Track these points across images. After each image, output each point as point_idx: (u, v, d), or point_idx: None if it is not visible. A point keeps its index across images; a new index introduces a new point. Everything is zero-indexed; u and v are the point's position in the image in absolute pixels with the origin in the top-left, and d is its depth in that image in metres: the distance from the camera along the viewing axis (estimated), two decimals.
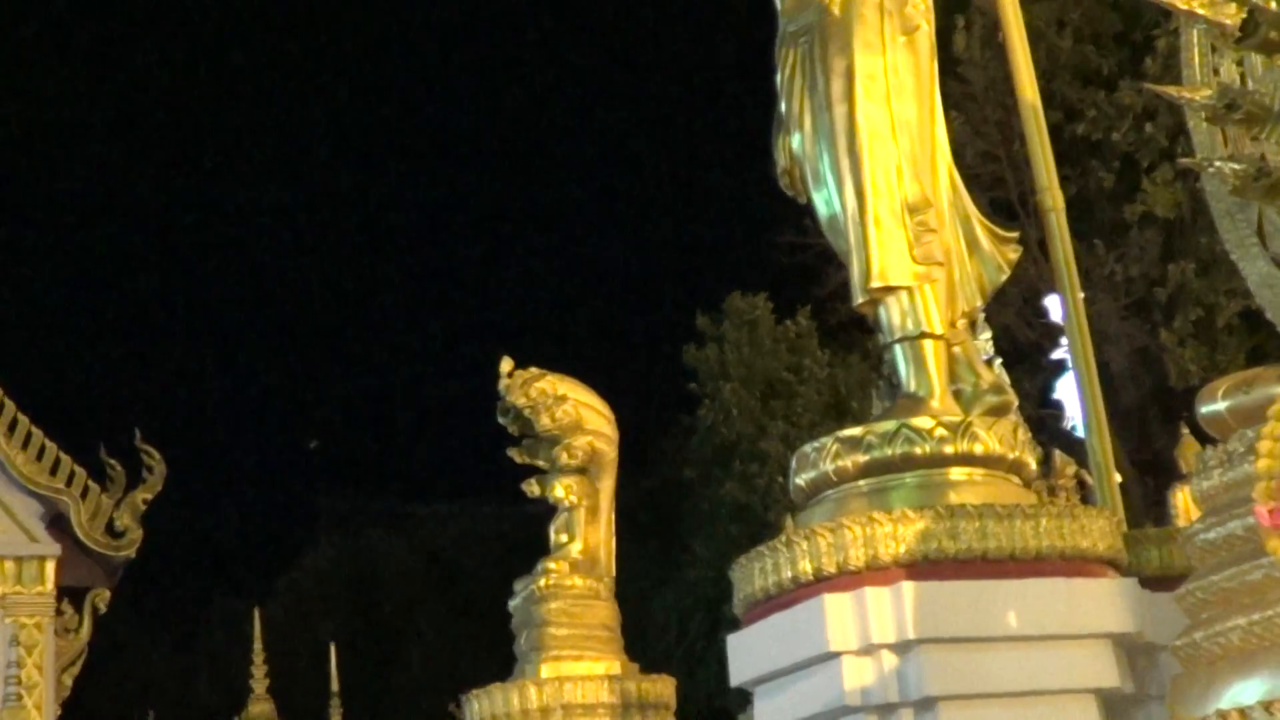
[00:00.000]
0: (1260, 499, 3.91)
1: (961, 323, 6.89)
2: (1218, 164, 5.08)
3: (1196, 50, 5.67)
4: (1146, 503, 15.74)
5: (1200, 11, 4.98)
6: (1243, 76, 5.54)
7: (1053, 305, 14.71)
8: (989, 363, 9.96)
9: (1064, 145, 17.88)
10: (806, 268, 17.44)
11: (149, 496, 14.08)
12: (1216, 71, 5.64)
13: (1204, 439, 5.14)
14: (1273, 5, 5.27)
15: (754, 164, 7.29)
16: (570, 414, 8.77)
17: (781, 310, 20.02)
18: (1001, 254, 6.93)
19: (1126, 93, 17.69)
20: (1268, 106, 4.98)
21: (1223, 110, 4.96)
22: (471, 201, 39.07)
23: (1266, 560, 3.95)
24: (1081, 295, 8.43)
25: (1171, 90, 5.36)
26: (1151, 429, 17.95)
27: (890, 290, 6.61)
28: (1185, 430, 8.13)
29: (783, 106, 6.98)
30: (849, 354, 19.11)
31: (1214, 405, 4.41)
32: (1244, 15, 4.90)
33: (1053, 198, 7.82)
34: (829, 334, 19.40)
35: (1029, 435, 7.46)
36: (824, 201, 6.86)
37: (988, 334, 10.66)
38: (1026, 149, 8.29)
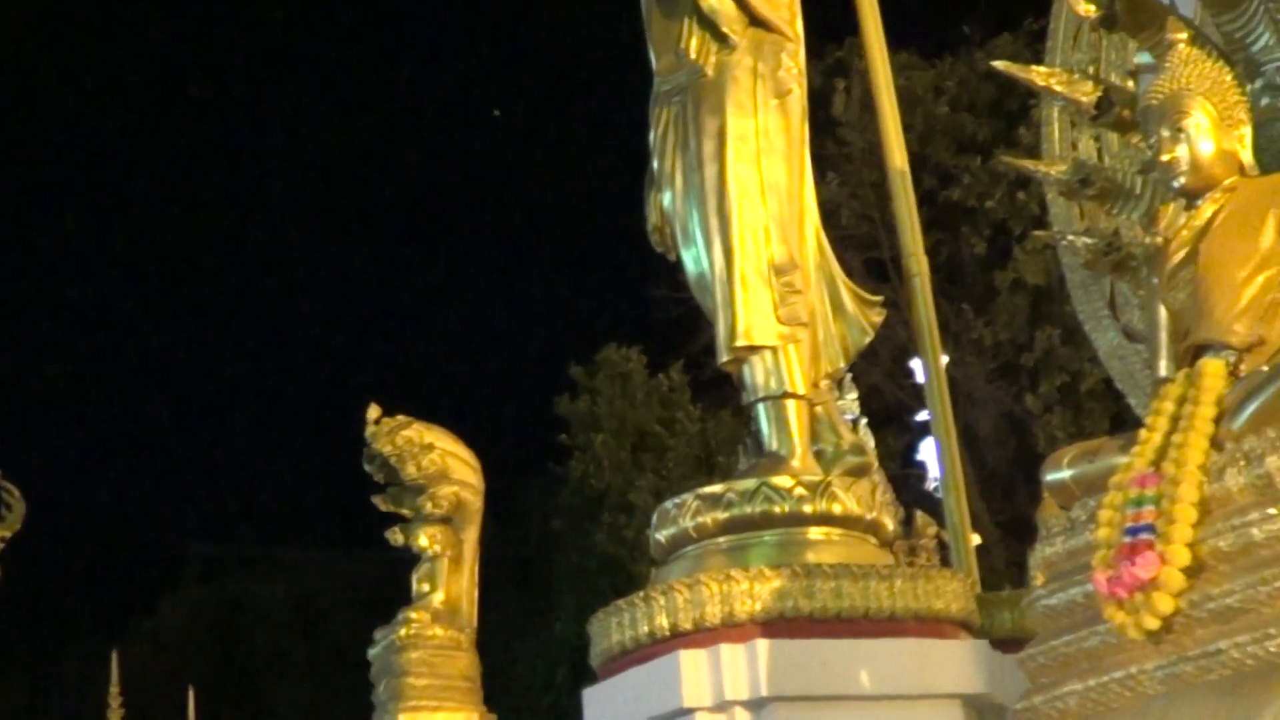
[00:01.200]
0: (1098, 567, 4.00)
1: (825, 383, 6.97)
2: (1070, 237, 5.21)
3: (1056, 125, 5.83)
4: (1009, 564, 15.95)
5: (1058, 88, 5.12)
6: (1100, 152, 5.69)
7: (920, 367, 14.91)
8: (854, 423, 10.06)
9: (937, 210, 18.20)
10: (681, 322, 17.56)
11: (7, 535, 13.83)
12: (1075, 146, 5.79)
13: None
14: (1129, 84, 5.44)
15: (630, 217, 7.35)
16: (436, 463, 8.77)
17: (655, 364, 20.14)
18: (866, 317, 7.03)
19: (1000, 161, 18.03)
20: (1120, 183, 5.12)
21: (1076, 185, 5.10)
22: (339, 248, 38.75)
23: (1103, 627, 4.03)
24: (946, 359, 8.56)
25: (1028, 164, 5.49)
26: (1016, 491, 18.23)
27: (754, 349, 6.68)
28: (1047, 493, 8.26)
29: (654, 164, 7.06)
30: (721, 409, 19.24)
31: (1059, 474, 4.50)
32: (1099, 94, 5.04)
33: (918, 263, 7.95)
34: (701, 388, 19.54)
35: (890, 496, 7.53)
36: (692, 259, 6.93)
37: (854, 394, 10.78)
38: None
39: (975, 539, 11.71)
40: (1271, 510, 3.80)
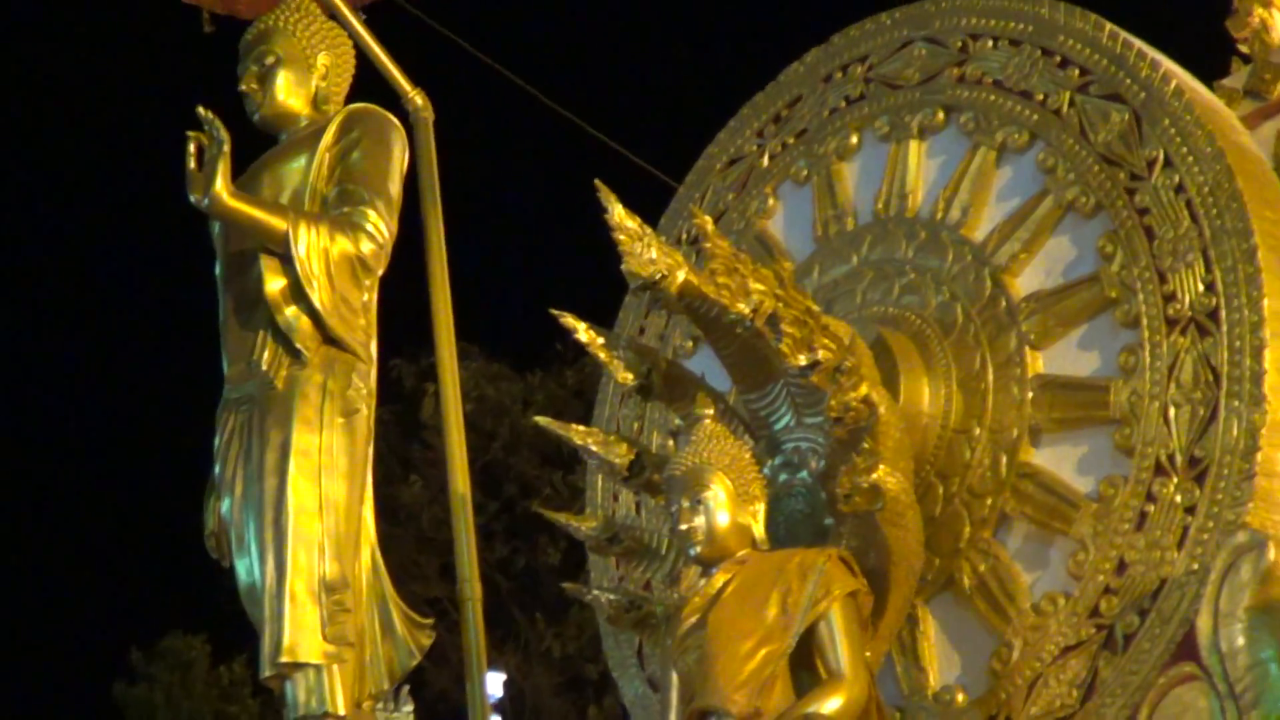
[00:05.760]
0: None
1: (367, 703, 6.97)
2: (595, 592, 5.41)
3: (599, 476, 6.08)
4: None
5: (594, 448, 5.36)
6: (638, 506, 5.96)
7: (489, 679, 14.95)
8: None
9: (517, 519, 18.50)
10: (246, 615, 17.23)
11: None
12: (617, 498, 6.05)
13: None
14: (670, 443, 5.74)
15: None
16: None
17: (219, 654, 19.66)
18: (415, 640, 7.09)
19: (582, 475, 18.46)
20: (646, 543, 5.37)
21: (604, 542, 5.32)
22: None
23: None
24: (501, 675, 8.63)
25: (560, 517, 5.69)
26: None
27: (298, 667, 6.66)
28: None
29: (217, 470, 7.04)
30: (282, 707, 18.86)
31: None
32: (632, 456, 5.31)
33: (472, 588, 8.04)
34: (263, 684, 19.10)
35: None
36: (245, 570, 6.90)
37: (409, 706, 10.77)
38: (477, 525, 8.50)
39: None
40: None
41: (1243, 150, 5.25)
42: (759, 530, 4.81)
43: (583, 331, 5.27)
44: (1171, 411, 5.00)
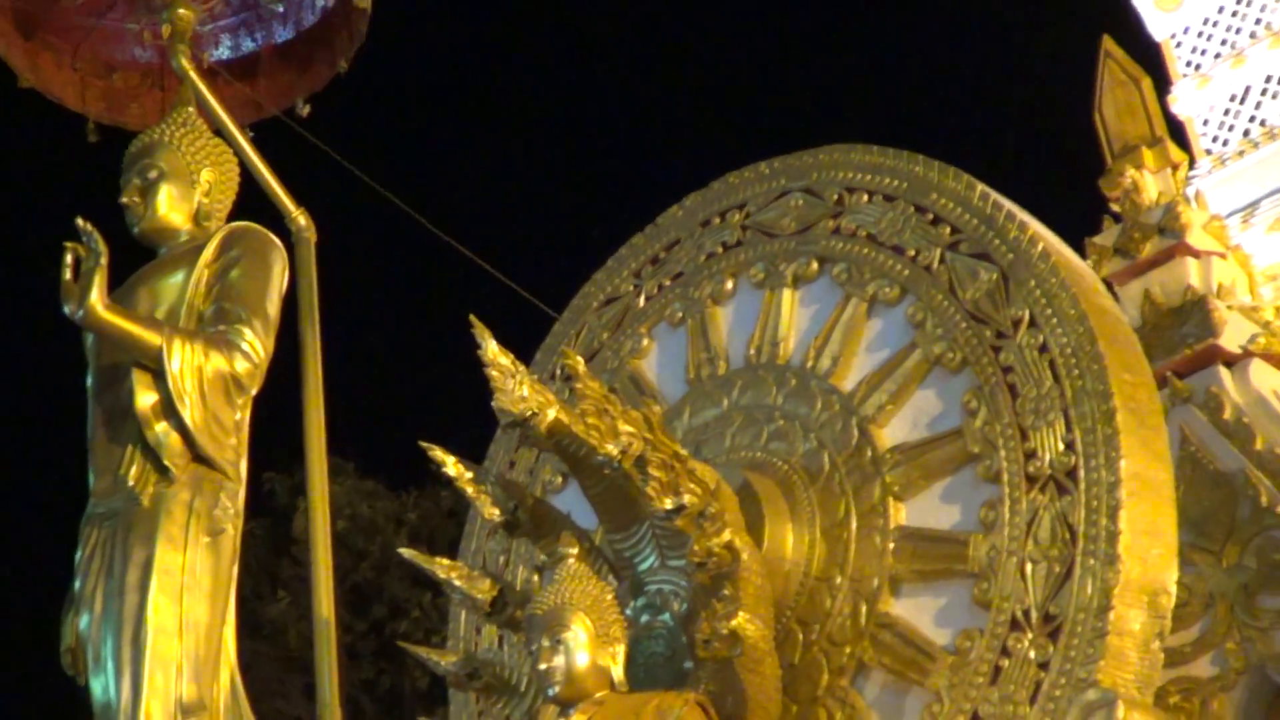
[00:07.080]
0: None
1: None
2: None
3: (463, 610, 6.05)
4: None
5: (457, 583, 5.36)
6: (501, 640, 5.94)
7: None
8: None
9: (385, 641, 18.27)
10: None
11: None
12: (480, 631, 6.03)
13: None
14: (535, 577, 5.76)
15: None
16: None
17: None
18: None
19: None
20: (507, 680, 5.36)
21: (464, 678, 5.30)
22: None
23: None
24: None
25: (421, 651, 5.67)
26: None
27: None
28: None
29: (77, 584, 6.93)
30: None
31: None
32: (494, 593, 5.32)
33: (333, 713, 7.98)
34: None
35: None
36: (101, 688, 6.77)
37: None
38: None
39: None
40: None
41: (1105, 313, 5.38)
42: (618, 672, 4.83)
43: (451, 465, 5.29)
44: (1029, 567, 5.08)
